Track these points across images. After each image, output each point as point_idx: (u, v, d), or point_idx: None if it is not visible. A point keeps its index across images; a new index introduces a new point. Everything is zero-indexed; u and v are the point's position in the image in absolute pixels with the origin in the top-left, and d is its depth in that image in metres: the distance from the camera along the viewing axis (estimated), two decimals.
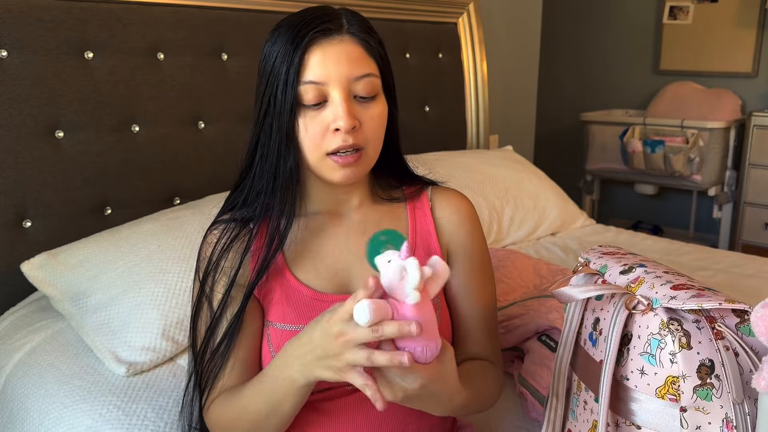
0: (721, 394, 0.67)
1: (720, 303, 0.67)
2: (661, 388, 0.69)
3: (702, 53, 3.74)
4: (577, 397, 0.82)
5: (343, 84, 0.83)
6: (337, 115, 0.82)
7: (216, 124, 1.73)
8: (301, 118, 0.84)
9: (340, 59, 0.83)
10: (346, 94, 0.83)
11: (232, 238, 0.90)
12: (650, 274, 0.77)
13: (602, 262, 0.84)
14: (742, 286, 1.65)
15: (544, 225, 2.05)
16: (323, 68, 0.82)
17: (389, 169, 0.97)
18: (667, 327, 0.68)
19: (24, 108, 1.41)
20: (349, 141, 0.83)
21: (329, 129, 0.83)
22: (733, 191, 3.46)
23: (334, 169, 0.85)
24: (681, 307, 0.68)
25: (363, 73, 0.84)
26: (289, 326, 0.87)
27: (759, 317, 0.62)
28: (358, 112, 0.84)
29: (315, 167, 0.86)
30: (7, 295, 1.44)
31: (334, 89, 0.83)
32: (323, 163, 0.85)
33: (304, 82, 0.83)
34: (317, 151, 0.84)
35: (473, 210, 1.00)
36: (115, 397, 1.10)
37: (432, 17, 2.29)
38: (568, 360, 0.84)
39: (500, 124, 2.81)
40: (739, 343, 0.67)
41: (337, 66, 0.83)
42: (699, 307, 0.67)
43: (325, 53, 0.83)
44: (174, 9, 1.64)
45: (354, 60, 0.84)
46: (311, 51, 0.83)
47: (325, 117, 0.83)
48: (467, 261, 0.96)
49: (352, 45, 0.85)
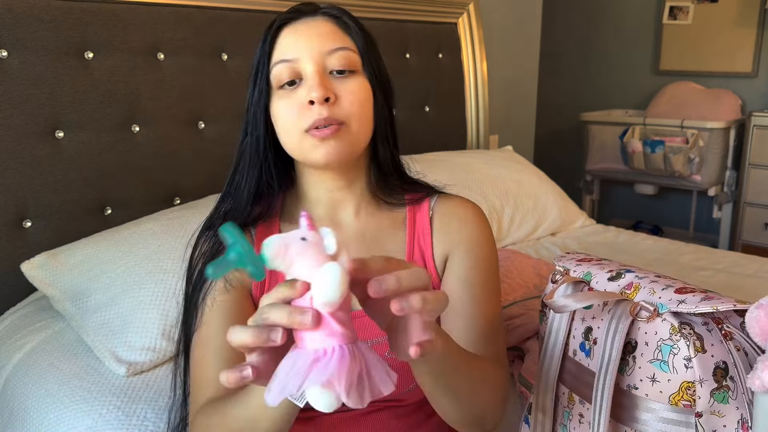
0: (737, 396, 0.66)
1: (734, 304, 0.66)
2: (675, 394, 0.68)
3: (702, 53, 3.74)
4: (569, 410, 0.80)
5: (314, 58, 0.80)
6: (310, 87, 0.79)
7: (216, 124, 1.73)
8: (276, 102, 0.82)
9: (311, 35, 0.81)
10: (320, 68, 0.80)
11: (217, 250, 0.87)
12: (644, 279, 0.75)
13: (584, 270, 0.82)
14: (742, 286, 1.65)
15: (544, 225, 2.05)
16: (294, 45, 0.81)
17: (388, 171, 0.91)
18: (679, 332, 0.67)
19: (24, 108, 1.41)
20: (324, 114, 0.78)
21: (304, 104, 0.79)
22: (733, 191, 3.46)
23: (314, 146, 0.80)
24: (694, 310, 0.67)
25: (336, 47, 0.81)
26: None
27: (753, 318, 0.62)
28: (334, 85, 0.80)
29: (297, 150, 0.82)
30: (7, 295, 1.44)
31: (306, 63, 0.80)
32: (303, 142, 0.81)
33: (275, 63, 0.81)
34: (294, 130, 0.80)
35: (478, 214, 0.93)
36: (115, 398, 1.10)
37: (432, 17, 2.29)
38: (556, 373, 0.81)
39: (500, 124, 2.81)
40: (747, 342, 0.67)
41: (309, 41, 0.80)
42: (714, 310, 0.65)
43: (296, 32, 0.82)
44: (174, 9, 1.64)
45: (325, 34, 0.81)
46: (282, 32, 0.82)
47: (300, 94, 0.80)
48: (470, 259, 0.89)
49: (324, 22, 0.83)
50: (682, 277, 1.57)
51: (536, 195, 2.07)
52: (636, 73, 4.02)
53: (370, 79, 0.85)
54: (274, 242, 0.53)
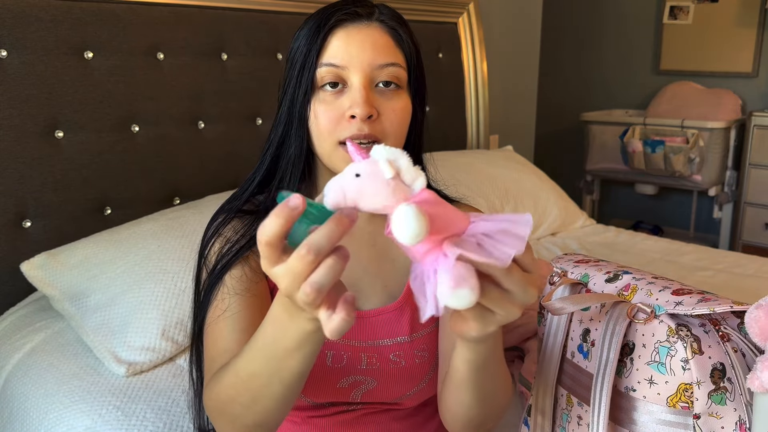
0: (735, 397, 0.66)
1: (731, 306, 0.66)
2: (673, 396, 0.68)
3: (702, 53, 3.74)
4: (567, 413, 0.80)
5: (364, 70, 0.77)
6: (354, 101, 0.76)
7: (216, 124, 1.73)
8: (315, 103, 0.78)
9: (365, 44, 0.77)
10: (367, 81, 0.77)
11: (238, 237, 0.83)
12: (641, 280, 0.75)
13: (581, 271, 0.82)
14: (742, 286, 1.65)
15: (544, 225, 2.05)
16: (345, 51, 0.77)
17: None
18: (676, 333, 0.67)
19: (24, 108, 1.41)
20: (365, 130, 0.76)
21: (345, 116, 0.77)
22: (733, 191, 3.45)
23: (344, 161, 0.77)
24: (691, 312, 0.67)
25: (388, 62, 0.78)
26: None
27: (753, 318, 0.62)
28: (378, 102, 0.78)
29: (326, 158, 0.80)
30: (7, 295, 1.44)
31: (354, 74, 0.77)
32: (335, 153, 0.78)
33: (323, 65, 0.78)
34: (330, 139, 0.78)
35: None
36: (115, 398, 1.10)
37: (432, 17, 2.29)
38: (555, 375, 0.81)
39: (500, 124, 2.81)
40: (744, 344, 0.67)
41: (361, 50, 0.77)
42: (711, 311, 0.65)
43: (349, 36, 0.78)
44: (174, 9, 1.64)
45: (380, 47, 0.78)
46: (335, 33, 0.78)
47: (342, 103, 0.77)
48: None
49: (380, 32, 0.79)
50: (683, 278, 1.58)
51: (536, 195, 2.07)
52: (636, 73, 4.02)
53: (413, 95, 0.83)
54: (331, 189, 0.51)
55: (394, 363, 0.84)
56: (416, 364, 0.84)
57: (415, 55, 0.83)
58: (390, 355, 0.84)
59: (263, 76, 1.81)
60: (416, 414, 0.91)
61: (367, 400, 0.85)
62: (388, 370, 0.84)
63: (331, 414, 0.86)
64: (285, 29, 1.84)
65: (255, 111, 1.81)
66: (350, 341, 0.83)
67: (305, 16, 0.84)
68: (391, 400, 0.86)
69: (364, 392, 0.84)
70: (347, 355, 0.83)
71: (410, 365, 0.84)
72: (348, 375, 0.83)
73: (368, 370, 0.83)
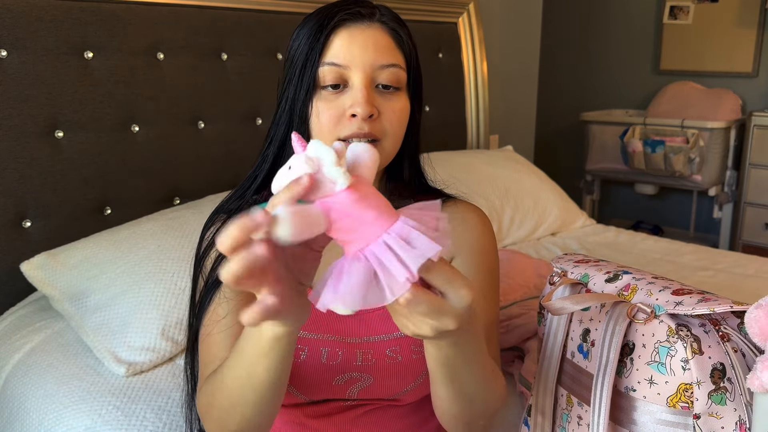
0: (734, 397, 0.66)
1: (731, 306, 0.66)
2: (673, 396, 0.68)
3: (702, 53, 3.74)
4: (567, 413, 0.80)
5: (366, 70, 0.78)
6: (356, 100, 0.77)
7: (216, 124, 1.73)
8: (316, 101, 0.79)
9: (367, 44, 0.79)
10: (368, 81, 0.79)
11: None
12: (640, 280, 0.75)
13: (581, 271, 0.82)
14: (742, 286, 1.65)
15: (544, 225, 2.05)
16: (347, 51, 0.78)
17: (407, 178, 0.91)
18: (676, 333, 0.67)
19: (24, 108, 1.41)
20: (365, 129, 0.77)
21: (345, 115, 0.78)
22: (733, 191, 3.45)
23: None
24: (691, 312, 0.67)
25: (389, 63, 0.80)
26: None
27: (753, 318, 0.62)
28: (378, 102, 0.79)
29: None
30: (7, 295, 1.44)
31: (355, 74, 0.78)
32: None
33: (325, 63, 0.79)
34: (330, 137, 0.79)
35: (483, 220, 0.93)
36: (114, 398, 1.10)
37: (432, 17, 2.29)
38: (555, 375, 0.81)
39: (500, 124, 2.81)
40: (744, 344, 0.67)
41: (363, 51, 0.79)
42: (711, 311, 0.65)
43: (351, 36, 0.79)
44: (174, 9, 1.64)
45: (381, 48, 0.80)
46: (337, 33, 0.79)
47: (343, 102, 0.79)
48: (472, 264, 0.89)
49: (382, 33, 0.81)
50: (683, 278, 1.58)
51: (536, 195, 2.07)
52: (636, 73, 4.02)
53: (411, 96, 0.85)
54: (275, 178, 0.53)
55: (390, 359, 0.84)
56: (413, 359, 0.84)
57: (414, 56, 0.85)
58: (386, 351, 0.83)
59: (263, 75, 1.81)
60: (416, 413, 0.90)
61: (364, 397, 0.85)
62: (385, 366, 0.84)
63: (329, 412, 0.86)
64: (285, 29, 1.84)
65: (255, 111, 1.81)
66: (345, 338, 0.83)
67: (305, 15, 0.84)
68: (389, 397, 0.86)
69: (361, 389, 0.84)
70: (342, 352, 0.83)
71: (407, 361, 0.84)
72: (344, 372, 0.83)
73: (364, 367, 0.83)
